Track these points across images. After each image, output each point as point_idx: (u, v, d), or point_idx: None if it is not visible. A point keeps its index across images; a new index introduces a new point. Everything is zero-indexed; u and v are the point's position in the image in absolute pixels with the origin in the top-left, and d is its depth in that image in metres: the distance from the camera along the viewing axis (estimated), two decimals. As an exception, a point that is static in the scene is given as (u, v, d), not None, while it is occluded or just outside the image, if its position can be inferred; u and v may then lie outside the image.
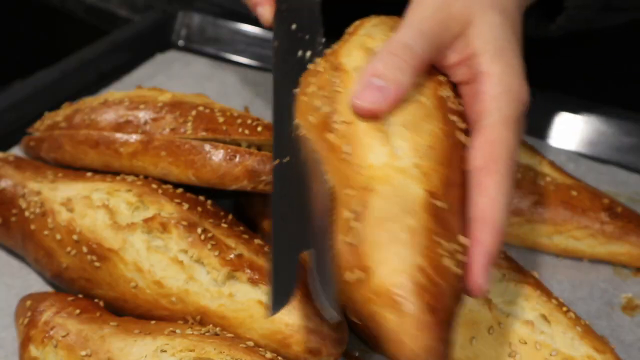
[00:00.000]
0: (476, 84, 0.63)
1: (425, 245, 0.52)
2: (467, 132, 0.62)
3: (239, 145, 0.77)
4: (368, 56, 0.63)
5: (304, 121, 0.62)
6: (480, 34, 0.63)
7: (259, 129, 0.78)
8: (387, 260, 0.51)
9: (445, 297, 0.51)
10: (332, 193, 0.56)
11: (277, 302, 0.52)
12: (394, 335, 0.50)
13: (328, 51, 0.68)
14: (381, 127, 0.58)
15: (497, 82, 0.62)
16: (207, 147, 0.77)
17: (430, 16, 0.63)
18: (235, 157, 0.76)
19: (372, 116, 0.58)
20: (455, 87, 0.66)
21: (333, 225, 0.54)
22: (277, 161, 0.61)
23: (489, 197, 0.57)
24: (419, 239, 0.52)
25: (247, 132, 0.77)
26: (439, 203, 0.55)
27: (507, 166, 0.59)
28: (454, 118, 0.62)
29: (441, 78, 0.65)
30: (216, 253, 0.71)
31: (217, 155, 0.76)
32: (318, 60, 0.68)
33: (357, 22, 0.71)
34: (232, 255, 0.71)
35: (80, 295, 0.75)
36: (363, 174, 0.56)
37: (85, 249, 0.74)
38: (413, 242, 0.52)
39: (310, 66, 0.68)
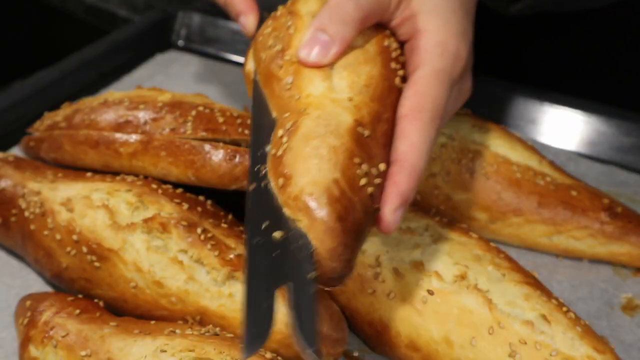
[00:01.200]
0: (414, 40, 0.68)
1: (344, 164, 0.57)
2: (405, 80, 0.67)
3: (238, 145, 0.77)
4: (323, 3, 0.68)
5: (257, 58, 0.69)
6: None
7: (259, 129, 0.78)
8: (307, 171, 0.56)
9: (356, 211, 0.56)
10: (274, 121, 0.63)
11: (251, 344, 0.50)
12: (305, 238, 0.54)
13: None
14: (324, 67, 0.64)
15: (431, 37, 0.66)
16: (207, 147, 0.77)
17: None
18: (235, 157, 0.76)
19: (315, 67, 0.63)
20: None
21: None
22: (252, 185, 0.61)
23: (410, 142, 0.61)
24: (339, 157, 0.57)
25: (247, 132, 0.77)
26: (364, 131, 0.60)
27: (431, 115, 0.63)
28: (395, 65, 0.67)
29: (388, 32, 0.70)
30: (216, 253, 0.71)
31: (217, 155, 0.76)
32: (279, 7, 0.73)
33: None
34: (232, 255, 0.71)
35: (80, 296, 0.75)
36: (301, 101, 0.62)
37: (85, 249, 0.74)
38: (333, 158, 0.57)
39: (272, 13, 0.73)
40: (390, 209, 0.59)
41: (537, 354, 0.65)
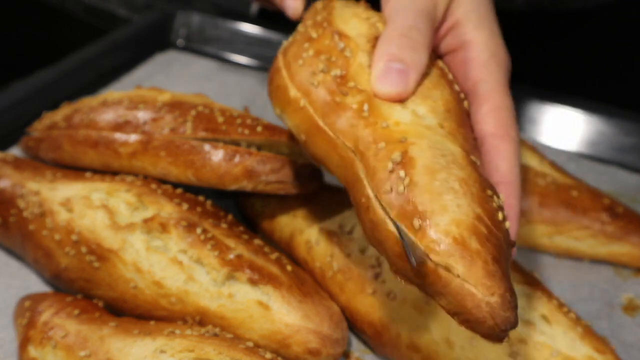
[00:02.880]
0: (463, 51, 0.66)
1: (479, 197, 0.51)
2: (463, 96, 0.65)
3: (238, 145, 0.77)
4: (368, 24, 0.65)
5: (301, 84, 0.62)
6: (462, 3, 0.66)
7: (259, 128, 0.77)
8: (444, 208, 0.50)
9: (503, 249, 0.50)
10: (351, 152, 0.56)
11: None
12: (462, 287, 0.47)
13: (308, 21, 0.69)
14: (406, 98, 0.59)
15: (483, 48, 0.65)
16: (207, 147, 0.77)
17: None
18: (235, 157, 0.76)
19: (397, 99, 0.58)
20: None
21: (360, 181, 0.54)
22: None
23: (509, 163, 0.61)
24: (473, 191, 0.51)
25: (246, 132, 0.77)
26: (476, 160, 0.56)
27: (516, 130, 0.63)
28: (456, 87, 0.64)
29: (433, 53, 0.67)
30: (216, 253, 0.71)
31: (217, 155, 0.76)
32: (300, 29, 0.68)
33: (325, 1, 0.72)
34: (231, 256, 0.71)
35: (80, 296, 0.75)
36: (392, 129, 0.56)
37: (84, 249, 0.74)
38: (467, 192, 0.51)
39: (290, 38, 0.69)
40: (515, 231, 0.58)
41: (538, 354, 0.65)
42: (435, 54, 0.67)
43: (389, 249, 0.51)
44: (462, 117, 0.60)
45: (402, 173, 0.52)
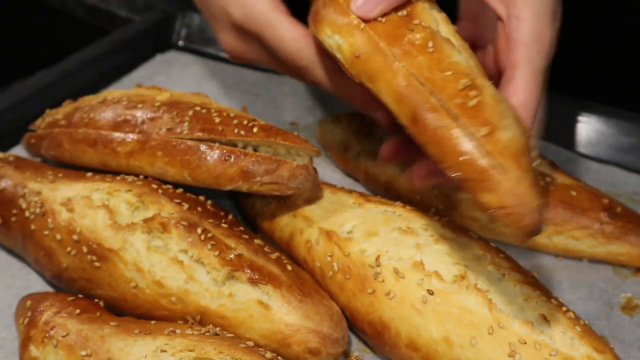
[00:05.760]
0: (508, 24, 0.69)
1: (526, 131, 0.64)
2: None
3: (235, 145, 0.77)
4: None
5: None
6: None
7: (255, 129, 0.77)
8: (507, 128, 0.61)
9: (535, 175, 0.63)
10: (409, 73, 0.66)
11: None
12: (514, 186, 0.59)
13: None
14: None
15: (528, 28, 0.68)
16: (203, 147, 0.77)
17: None
18: (231, 157, 0.76)
19: (364, 17, 0.67)
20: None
21: (421, 93, 0.64)
22: None
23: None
24: (522, 125, 0.64)
25: (242, 132, 0.77)
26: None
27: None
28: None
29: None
30: (216, 253, 0.71)
31: (213, 155, 0.76)
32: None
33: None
34: (232, 255, 0.71)
35: (80, 295, 0.75)
36: (456, 65, 0.66)
37: (85, 249, 0.74)
38: (519, 124, 0.63)
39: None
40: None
41: (537, 354, 0.65)
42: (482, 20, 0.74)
43: (447, 148, 0.61)
44: None
45: (473, 93, 0.63)
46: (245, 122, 0.78)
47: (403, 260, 0.71)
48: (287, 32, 0.77)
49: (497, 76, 0.73)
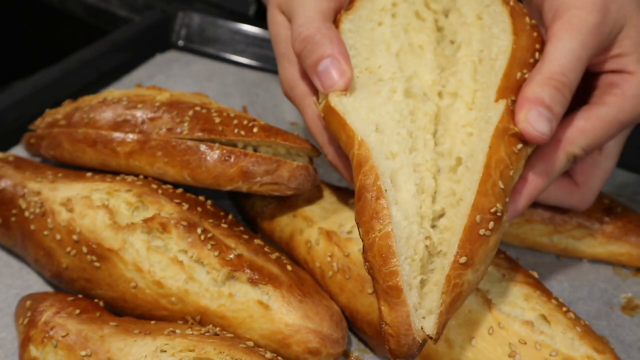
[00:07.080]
0: (619, 77, 0.71)
1: None
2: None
3: (234, 146, 0.77)
4: None
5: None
6: (630, 36, 0.71)
7: (255, 129, 0.77)
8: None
9: None
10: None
11: None
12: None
13: None
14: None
15: (636, 84, 0.70)
16: (203, 147, 0.77)
17: (591, 32, 0.67)
18: (230, 157, 0.76)
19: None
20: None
21: None
22: None
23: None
24: None
25: (242, 132, 0.77)
26: None
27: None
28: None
29: None
30: (216, 253, 0.71)
31: (213, 155, 0.76)
32: None
33: None
34: (232, 255, 0.71)
35: (80, 296, 0.75)
36: None
37: (85, 249, 0.74)
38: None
39: None
40: None
41: (537, 354, 0.65)
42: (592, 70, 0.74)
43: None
44: None
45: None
46: (245, 122, 0.78)
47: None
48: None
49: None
